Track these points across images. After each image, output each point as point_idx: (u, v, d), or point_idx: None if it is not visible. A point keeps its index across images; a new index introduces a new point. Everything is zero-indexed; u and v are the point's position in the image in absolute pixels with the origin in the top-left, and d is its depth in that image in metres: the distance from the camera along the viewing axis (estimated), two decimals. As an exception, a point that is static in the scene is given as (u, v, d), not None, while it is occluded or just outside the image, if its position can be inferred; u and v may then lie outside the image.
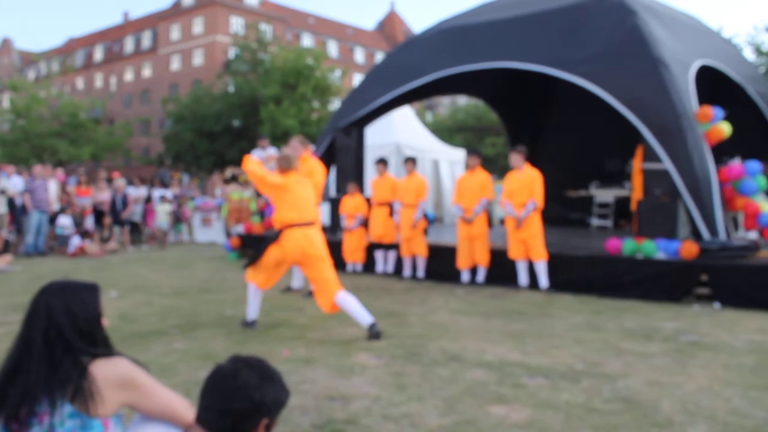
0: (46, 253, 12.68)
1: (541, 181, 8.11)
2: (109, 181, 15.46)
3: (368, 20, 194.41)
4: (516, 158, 8.26)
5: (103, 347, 2.13)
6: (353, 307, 5.59)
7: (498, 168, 34.17)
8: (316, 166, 7.74)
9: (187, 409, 2.11)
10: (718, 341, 5.35)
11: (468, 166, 8.89)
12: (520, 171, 8.24)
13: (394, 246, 9.60)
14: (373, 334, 5.41)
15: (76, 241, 12.60)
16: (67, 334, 2.04)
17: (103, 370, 2.00)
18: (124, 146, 40.38)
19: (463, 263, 8.65)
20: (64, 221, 13.10)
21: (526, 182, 8.10)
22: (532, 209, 8.00)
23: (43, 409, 1.95)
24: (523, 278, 8.24)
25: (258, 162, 5.97)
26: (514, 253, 8.21)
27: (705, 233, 7.69)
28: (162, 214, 15.01)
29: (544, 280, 8.01)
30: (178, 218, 16.08)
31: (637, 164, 9.30)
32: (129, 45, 62.59)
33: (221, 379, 1.82)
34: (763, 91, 10.72)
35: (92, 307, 2.16)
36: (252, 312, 5.89)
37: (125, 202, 14.34)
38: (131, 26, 65.19)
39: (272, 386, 1.84)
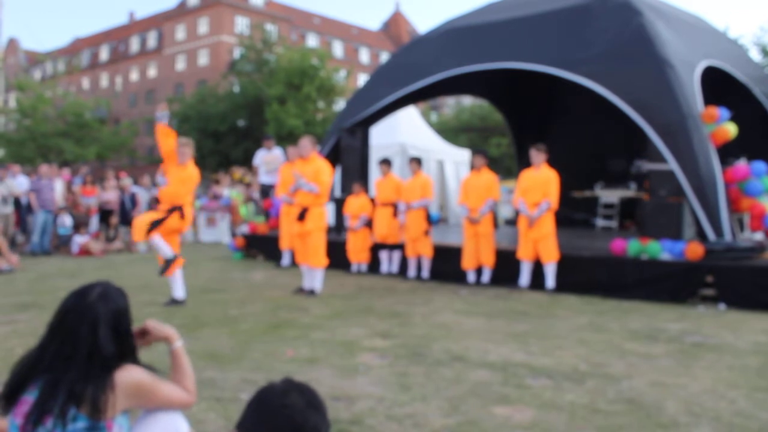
0: (51, 252, 12.73)
1: (557, 182, 8.05)
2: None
3: (373, 20, 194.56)
4: (537, 155, 8.16)
5: (131, 356, 2.16)
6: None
7: (503, 168, 34.15)
8: (324, 166, 7.76)
9: (183, 394, 2.21)
10: (723, 342, 5.34)
11: (473, 167, 8.86)
12: (536, 169, 8.19)
13: (399, 246, 9.60)
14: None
15: (79, 240, 12.64)
16: (108, 347, 2.05)
17: (119, 379, 2.02)
18: (129, 146, 40.58)
19: (468, 263, 8.63)
20: (64, 220, 13.15)
21: (542, 182, 8.04)
22: (546, 209, 7.98)
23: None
24: (524, 279, 8.22)
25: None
26: (523, 252, 8.18)
27: (710, 234, 7.67)
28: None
29: (551, 281, 7.98)
30: None
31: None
32: (134, 45, 62.78)
33: (270, 396, 1.85)
34: (769, 92, 10.69)
35: (128, 315, 2.19)
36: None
37: (134, 202, 14.37)
38: (137, 26, 65.40)
39: (316, 414, 1.86)
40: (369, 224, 9.86)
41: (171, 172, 7.02)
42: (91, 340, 2.03)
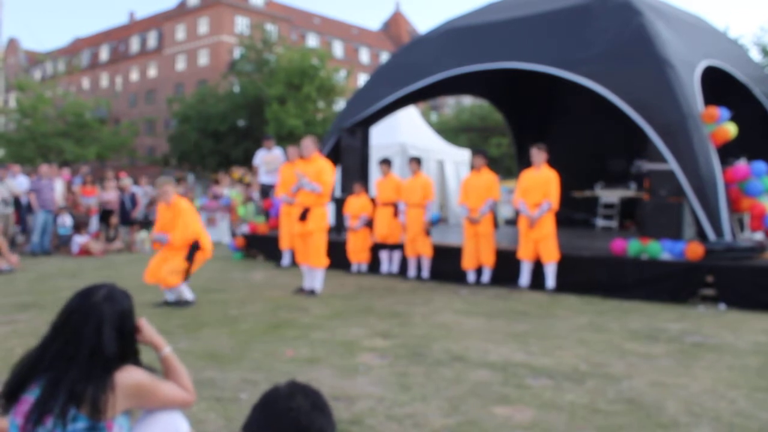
0: (51, 252, 12.72)
1: (557, 182, 8.04)
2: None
3: (373, 20, 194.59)
4: (537, 155, 8.15)
5: (133, 357, 2.16)
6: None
7: (503, 168, 34.15)
8: (326, 166, 7.78)
9: (183, 394, 2.22)
10: (723, 342, 5.34)
11: (473, 167, 8.86)
12: (537, 170, 8.19)
13: (399, 246, 9.60)
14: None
15: (79, 240, 12.64)
16: (111, 348, 2.06)
17: (120, 380, 2.03)
18: (130, 146, 40.55)
19: (468, 263, 8.63)
20: (64, 220, 13.15)
21: (542, 182, 8.03)
22: (547, 210, 7.97)
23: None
24: (524, 279, 8.22)
25: None
26: (523, 253, 8.17)
27: (710, 234, 7.67)
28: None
29: (551, 281, 7.97)
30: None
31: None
32: (134, 45, 62.78)
33: (275, 398, 1.85)
34: (769, 92, 10.68)
35: (133, 317, 2.19)
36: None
37: (134, 202, 14.36)
38: (137, 26, 65.40)
39: (322, 416, 1.87)
40: (369, 224, 9.86)
41: (162, 220, 7.16)
42: (94, 340, 2.03)
